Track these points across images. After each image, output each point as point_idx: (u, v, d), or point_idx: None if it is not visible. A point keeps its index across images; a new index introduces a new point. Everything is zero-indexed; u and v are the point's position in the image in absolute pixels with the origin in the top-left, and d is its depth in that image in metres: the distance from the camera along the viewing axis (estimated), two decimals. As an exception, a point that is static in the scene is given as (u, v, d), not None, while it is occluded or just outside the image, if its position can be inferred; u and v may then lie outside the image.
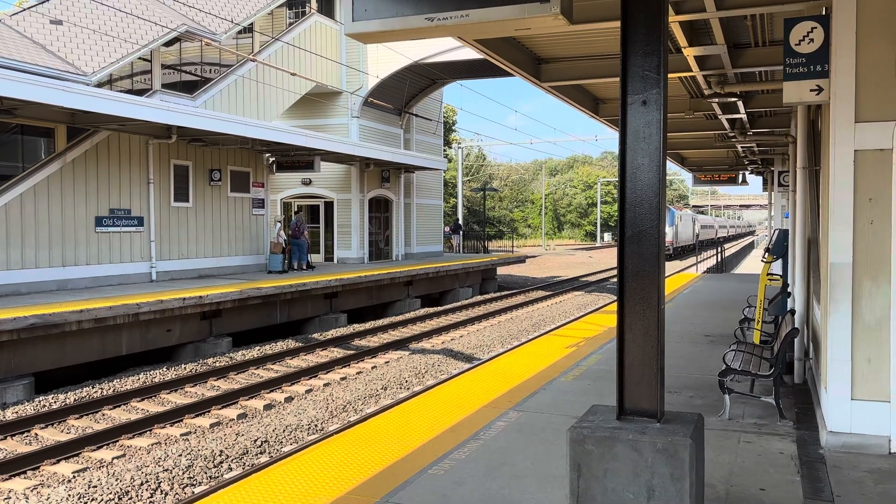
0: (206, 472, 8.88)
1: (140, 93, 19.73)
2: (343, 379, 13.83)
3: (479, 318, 21.83)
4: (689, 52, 10.15)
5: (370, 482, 5.80)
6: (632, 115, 4.14)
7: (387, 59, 28.05)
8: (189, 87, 22.03)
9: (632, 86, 4.13)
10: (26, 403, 11.64)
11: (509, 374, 9.73)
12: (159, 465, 8.90)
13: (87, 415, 11.16)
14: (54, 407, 11.46)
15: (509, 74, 12.72)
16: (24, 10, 20.19)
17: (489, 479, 5.81)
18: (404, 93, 30.96)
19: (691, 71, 11.27)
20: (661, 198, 4.09)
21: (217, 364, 14.81)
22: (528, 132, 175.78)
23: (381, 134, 30.11)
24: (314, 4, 27.14)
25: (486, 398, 8.44)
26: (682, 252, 60.66)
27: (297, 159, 23.62)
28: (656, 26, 4.10)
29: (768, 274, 10.94)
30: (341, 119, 28.74)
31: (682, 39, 9.51)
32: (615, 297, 4.32)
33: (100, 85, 17.95)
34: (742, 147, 21.28)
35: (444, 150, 43.32)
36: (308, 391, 12.90)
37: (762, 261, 11.25)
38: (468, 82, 35.95)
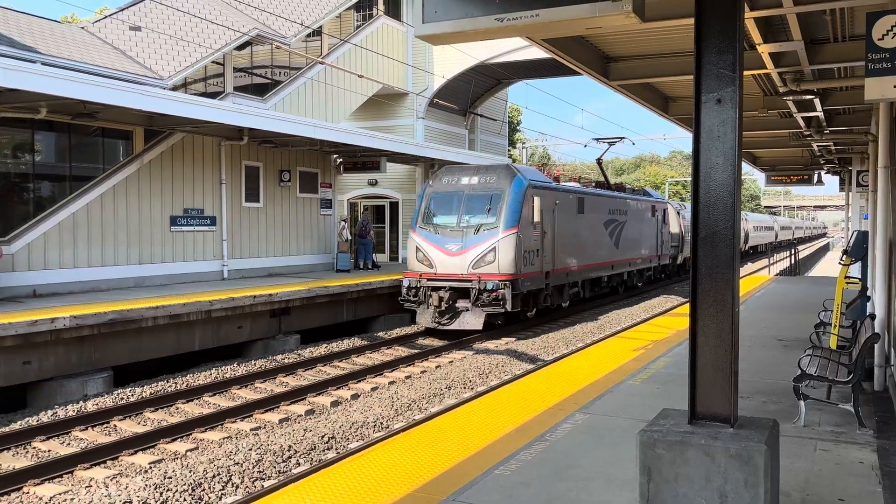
0: (275, 467, 9.08)
1: (213, 95, 20.29)
2: (408, 377, 13.94)
3: (542, 319, 21.66)
4: (764, 49, 9.87)
5: (437, 480, 5.83)
6: (706, 114, 4.06)
7: (452, 60, 28.15)
8: (260, 90, 22.55)
9: (706, 84, 4.06)
10: (106, 396, 12.11)
11: (574, 376, 9.65)
12: (230, 459, 9.13)
13: (162, 408, 11.55)
14: (132, 400, 11.88)
15: (576, 73, 12.61)
16: (106, 17, 21.00)
17: (556, 481, 5.77)
18: (469, 93, 31.02)
19: (765, 68, 10.96)
20: (736, 198, 4.01)
21: (286, 361, 15.11)
22: (594, 131, 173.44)
23: (445, 134, 30.23)
24: (381, 6, 27.43)
25: (551, 400, 8.39)
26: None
27: (363, 160, 23.93)
28: (731, 23, 4.02)
29: (846, 277, 10.57)
30: (407, 120, 28.98)
31: (756, 36, 9.26)
32: (683, 300, 4.24)
33: (175, 88, 18.55)
34: (818, 146, 20.58)
35: (509, 150, 43.21)
36: (374, 389, 13.04)
37: (840, 263, 10.88)
38: (534, 81, 35.83)
